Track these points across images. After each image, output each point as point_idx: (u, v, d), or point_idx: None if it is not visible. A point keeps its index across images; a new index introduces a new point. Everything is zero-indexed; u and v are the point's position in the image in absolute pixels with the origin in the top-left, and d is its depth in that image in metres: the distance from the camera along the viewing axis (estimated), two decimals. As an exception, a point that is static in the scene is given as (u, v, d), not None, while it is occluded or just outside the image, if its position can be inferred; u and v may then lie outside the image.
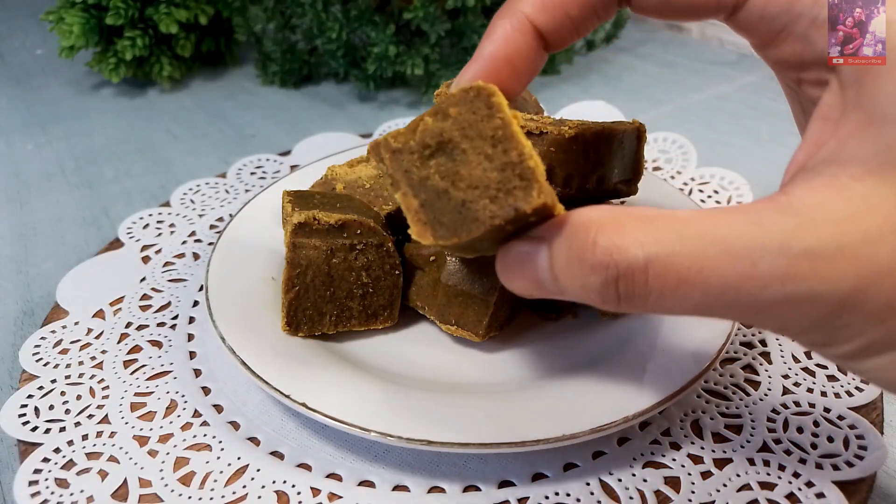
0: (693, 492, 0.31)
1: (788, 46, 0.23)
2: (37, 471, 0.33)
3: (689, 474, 0.32)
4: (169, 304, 0.44)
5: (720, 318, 0.22)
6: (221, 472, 0.33)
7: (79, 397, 0.37)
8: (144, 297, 0.45)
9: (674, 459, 0.33)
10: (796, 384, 0.37)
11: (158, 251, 0.49)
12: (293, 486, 0.32)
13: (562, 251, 0.22)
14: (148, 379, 0.38)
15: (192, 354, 0.40)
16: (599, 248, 0.21)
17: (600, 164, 0.37)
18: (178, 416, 0.36)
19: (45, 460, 0.33)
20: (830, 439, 0.33)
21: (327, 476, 0.33)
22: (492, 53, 0.27)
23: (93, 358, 0.40)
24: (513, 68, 0.27)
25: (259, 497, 0.32)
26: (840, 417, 0.34)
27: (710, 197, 0.54)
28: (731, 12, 0.24)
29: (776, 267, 0.19)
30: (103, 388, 0.38)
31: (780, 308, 0.20)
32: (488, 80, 0.26)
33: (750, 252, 0.19)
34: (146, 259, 0.49)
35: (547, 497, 0.31)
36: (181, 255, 0.49)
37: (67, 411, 0.36)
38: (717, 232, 0.20)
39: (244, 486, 0.32)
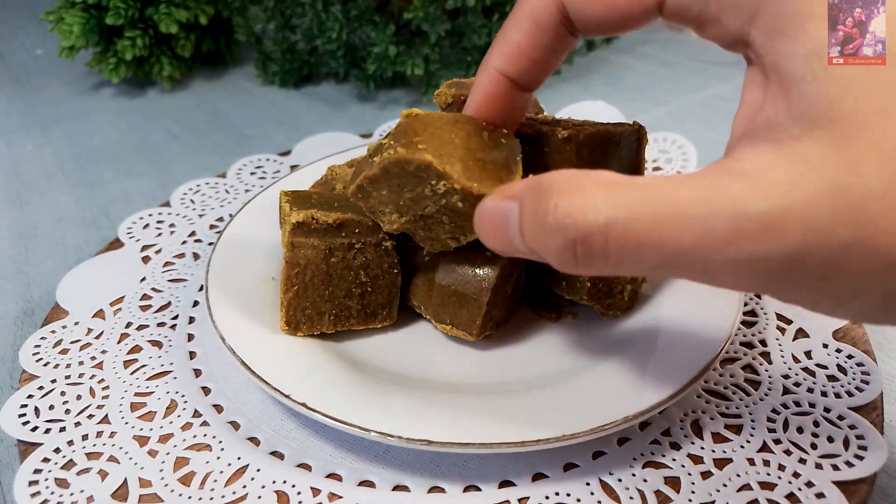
0: (693, 492, 0.31)
1: (711, 30, 0.25)
2: (37, 471, 0.33)
3: (689, 474, 0.32)
4: (169, 304, 0.44)
5: (676, 278, 0.23)
6: (221, 472, 0.33)
7: (79, 397, 0.37)
8: (144, 297, 0.45)
9: (674, 459, 0.33)
10: (796, 384, 0.37)
11: (158, 251, 0.49)
12: (293, 486, 0.32)
13: (528, 212, 0.24)
14: (148, 379, 0.38)
15: (192, 354, 0.40)
16: (560, 211, 0.22)
17: (594, 167, 0.38)
18: (178, 416, 0.36)
19: (45, 460, 0.33)
20: (830, 439, 0.33)
21: (327, 476, 0.33)
22: (477, 104, 0.32)
23: (93, 358, 0.40)
24: (498, 111, 0.32)
25: (259, 497, 0.32)
26: (840, 417, 0.34)
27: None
28: (659, 11, 0.26)
29: (729, 230, 0.20)
30: (103, 388, 0.38)
31: (734, 268, 0.21)
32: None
33: (706, 216, 0.20)
34: (146, 259, 0.49)
35: (547, 497, 0.31)
36: (181, 255, 0.49)
37: (67, 411, 0.36)
38: (675, 197, 0.21)
39: (244, 486, 0.32)
